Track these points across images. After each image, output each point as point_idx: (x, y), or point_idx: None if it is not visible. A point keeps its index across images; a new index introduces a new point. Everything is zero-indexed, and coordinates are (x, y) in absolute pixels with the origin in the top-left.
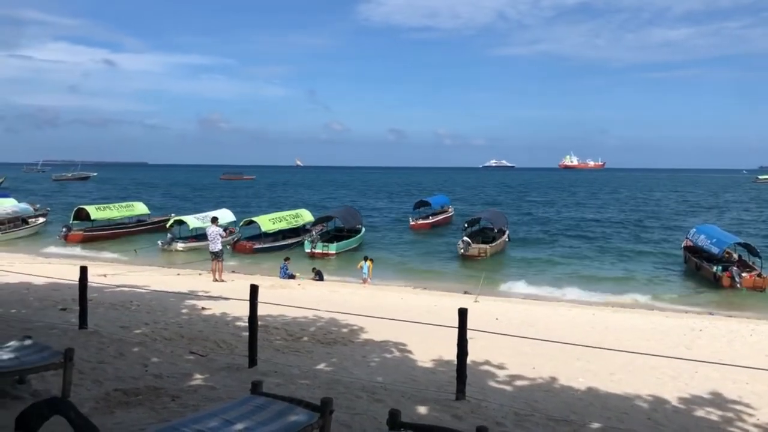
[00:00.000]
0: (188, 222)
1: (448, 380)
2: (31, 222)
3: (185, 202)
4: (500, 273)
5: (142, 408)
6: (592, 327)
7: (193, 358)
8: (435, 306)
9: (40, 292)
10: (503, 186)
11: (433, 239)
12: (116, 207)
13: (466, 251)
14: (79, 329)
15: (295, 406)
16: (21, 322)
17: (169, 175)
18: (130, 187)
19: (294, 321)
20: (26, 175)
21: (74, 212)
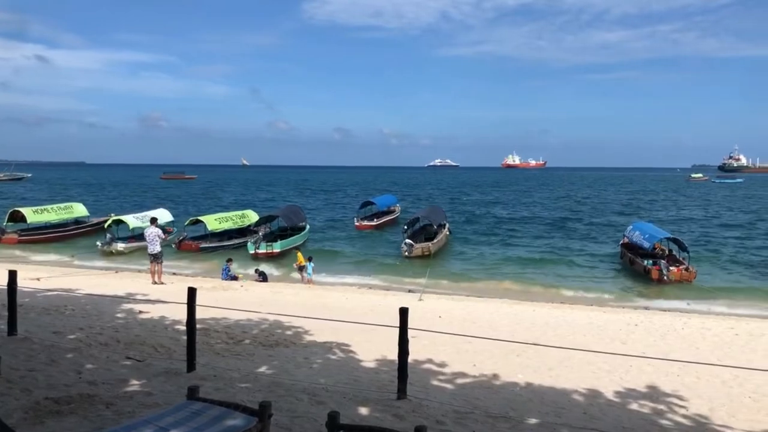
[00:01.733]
0: (127, 222)
1: (390, 380)
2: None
3: (125, 202)
4: (444, 269)
5: (74, 417)
6: (533, 323)
7: (130, 363)
8: (379, 305)
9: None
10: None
11: (378, 239)
12: (54, 209)
13: (410, 253)
14: (8, 336)
15: (233, 411)
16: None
17: (108, 175)
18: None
19: (236, 323)
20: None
21: (9, 214)
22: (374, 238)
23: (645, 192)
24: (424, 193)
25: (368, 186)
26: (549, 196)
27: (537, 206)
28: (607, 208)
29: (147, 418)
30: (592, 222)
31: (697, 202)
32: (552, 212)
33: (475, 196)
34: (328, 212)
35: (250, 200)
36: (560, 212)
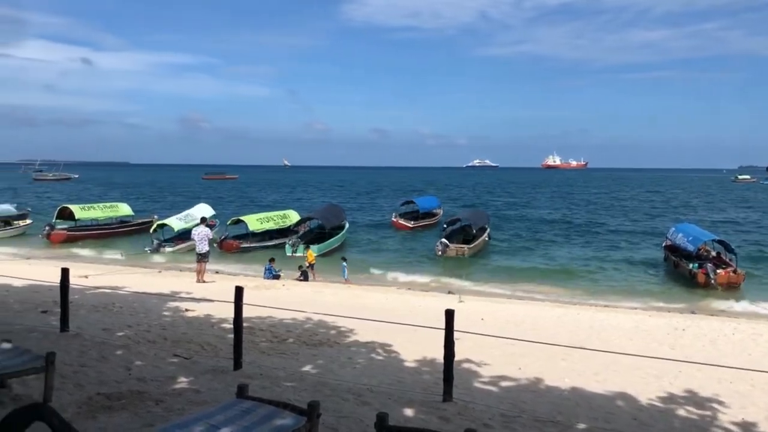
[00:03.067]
0: (172, 225)
1: (434, 381)
2: (15, 224)
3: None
4: (483, 272)
5: (125, 412)
6: (577, 326)
7: (177, 361)
8: (419, 306)
9: (20, 294)
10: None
11: (417, 240)
12: (100, 207)
13: (444, 253)
14: (61, 332)
15: (282, 410)
16: (0, 325)
17: (152, 175)
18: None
19: (279, 322)
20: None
21: (58, 211)
22: (412, 238)
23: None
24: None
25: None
26: (590, 198)
27: (578, 208)
28: (649, 210)
29: (198, 415)
30: (635, 224)
31: (745, 203)
32: (593, 214)
33: (514, 197)
34: (365, 213)
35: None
36: (602, 214)
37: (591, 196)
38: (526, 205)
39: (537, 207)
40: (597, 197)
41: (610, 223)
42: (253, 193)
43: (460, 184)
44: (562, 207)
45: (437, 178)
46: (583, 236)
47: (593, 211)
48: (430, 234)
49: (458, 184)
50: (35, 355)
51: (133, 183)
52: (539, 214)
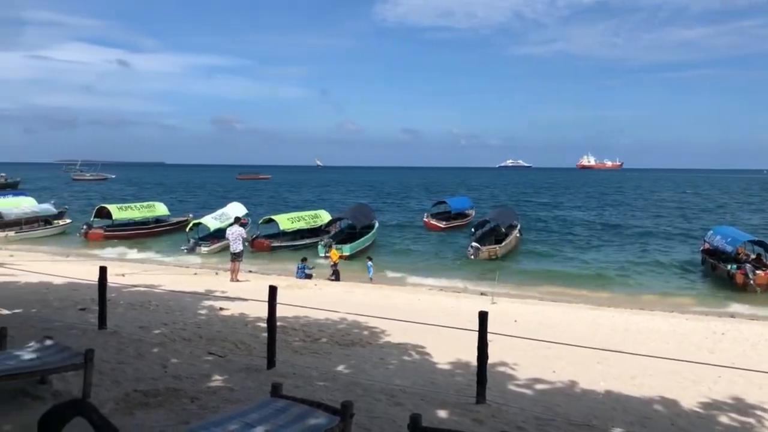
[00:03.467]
0: (207, 224)
1: (467, 383)
2: (55, 223)
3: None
4: (515, 273)
5: (161, 409)
6: (612, 329)
7: (212, 359)
8: (451, 307)
9: (59, 292)
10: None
11: (448, 241)
12: (137, 207)
13: (476, 257)
14: (99, 329)
15: (315, 409)
16: (41, 322)
17: (186, 175)
18: (148, 186)
19: (312, 322)
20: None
21: (95, 211)
22: (444, 239)
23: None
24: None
25: (436, 187)
26: (625, 199)
27: (613, 209)
28: (686, 212)
29: (232, 413)
30: (671, 226)
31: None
32: (628, 215)
33: (547, 198)
34: (396, 213)
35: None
36: (637, 215)
37: (626, 197)
38: (560, 206)
39: (571, 208)
40: (632, 198)
41: (645, 225)
42: (285, 192)
43: (492, 184)
44: (597, 208)
45: (469, 179)
46: (617, 238)
47: (628, 213)
48: (461, 235)
49: (490, 184)
50: (75, 352)
51: (168, 183)
52: (573, 215)
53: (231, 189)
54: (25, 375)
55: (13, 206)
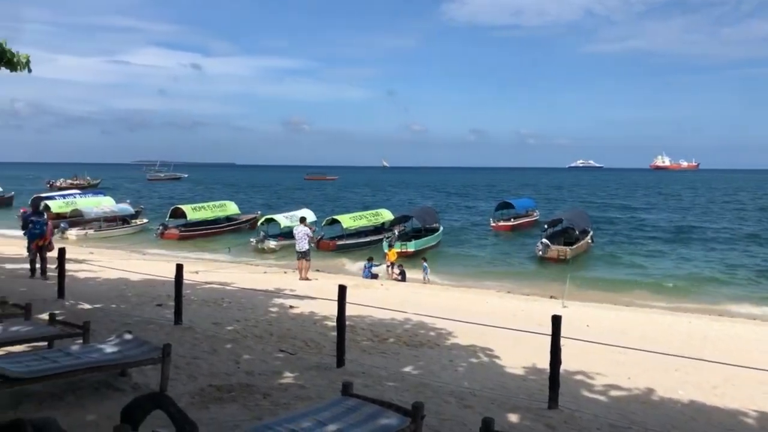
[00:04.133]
0: (278, 221)
1: (539, 388)
2: (132, 222)
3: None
4: (586, 276)
5: (235, 404)
6: (690, 336)
7: (283, 356)
8: (521, 310)
9: (137, 288)
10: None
11: (515, 241)
12: (210, 206)
13: (545, 254)
14: (175, 325)
15: (386, 410)
16: (121, 317)
17: (256, 176)
18: (219, 186)
19: (379, 322)
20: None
21: (170, 211)
22: (511, 240)
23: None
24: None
25: (503, 187)
26: (702, 201)
27: (687, 211)
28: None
29: (305, 411)
30: (752, 229)
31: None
32: (705, 217)
33: (619, 199)
34: (462, 213)
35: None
36: (714, 217)
37: (702, 199)
38: (632, 208)
39: (643, 210)
40: (709, 200)
41: (723, 228)
42: (351, 193)
43: (561, 185)
44: (671, 210)
45: (537, 179)
46: (693, 241)
47: (704, 215)
48: (527, 236)
49: (559, 185)
50: (153, 347)
51: (237, 183)
52: (646, 218)
53: (298, 189)
54: (107, 368)
55: (93, 205)
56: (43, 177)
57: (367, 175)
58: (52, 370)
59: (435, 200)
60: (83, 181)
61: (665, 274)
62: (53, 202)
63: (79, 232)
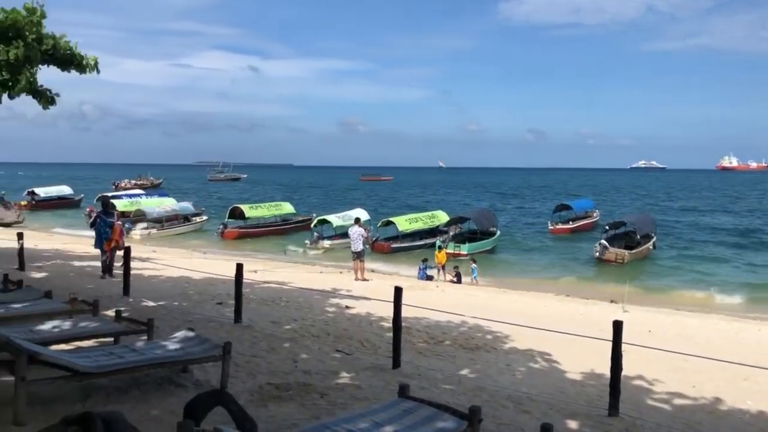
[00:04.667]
0: (332, 221)
1: (598, 394)
2: (193, 220)
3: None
4: (646, 281)
5: (293, 403)
6: (759, 344)
7: (339, 356)
8: (580, 314)
9: (198, 286)
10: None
11: (574, 244)
12: (266, 206)
13: (602, 255)
14: (234, 323)
15: (443, 413)
16: (182, 314)
17: (312, 176)
18: (276, 187)
19: (435, 324)
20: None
21: (229, 210)
22: (569, 242)
23: None
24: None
25: (561, 188)
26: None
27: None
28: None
29: (362, 412)
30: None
31: None
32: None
33: (682, 201)
34: (519, 215)
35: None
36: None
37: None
38: (696, 211)
39: (708, 212)
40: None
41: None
42: (405, 194)
43: (621, 186)
44: (738, 213)
45: (597, 180)
46: (761, 246)
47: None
48: (586, 239)
49: (619, 186)
50: (214, 344)
51: (294, 183)
52: (710, 221)
53: (353, 190)
54: (170, 364)
55: (156, 205)
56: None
57: (422, 175)
58: (119, 365)
59: (491, 201)
60: (146, 181)
61: (730, 280)
62: (118, 202)
63: (143, 230)
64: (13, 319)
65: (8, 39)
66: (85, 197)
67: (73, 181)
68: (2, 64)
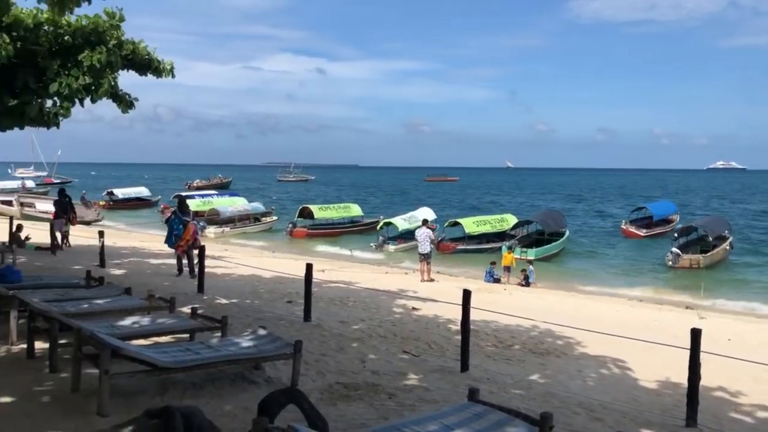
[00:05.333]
0: (396, 224)
1: (674, 404)
2: (263, 220)
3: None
4: (723, 286)
5: (361, 403)
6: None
7: (407, 357)
8: (654, 321)
9: (268, 285)
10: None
11: (647, 248)
12: (335, 207)
13: (675, 263)
14: (304, 322)
15: (514, 418)
16: (254, 312)
17: (378, 177)
18: (343, 187)
19: (504, 327)
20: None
21: (299, 210)
22: (642, 246)
23: None
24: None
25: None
26: None
27: None
28: None
29: (432, 414)
30: None
31: None
32: None
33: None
34: (589, 218)
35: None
36: None
37: None
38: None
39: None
40: None
41: None
42: (471, 195)
43: (697, 188)
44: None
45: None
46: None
47: None
48: (662, 243)
49: (695, 188)
50: (285, 342)
51: (360, 184)
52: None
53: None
54: (244, 361)
55: (228, 205)
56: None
57: (489, 176)
58: (195, 361)
59: (559, 203)
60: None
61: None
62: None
63: (216, 229)
64: (96, 314)
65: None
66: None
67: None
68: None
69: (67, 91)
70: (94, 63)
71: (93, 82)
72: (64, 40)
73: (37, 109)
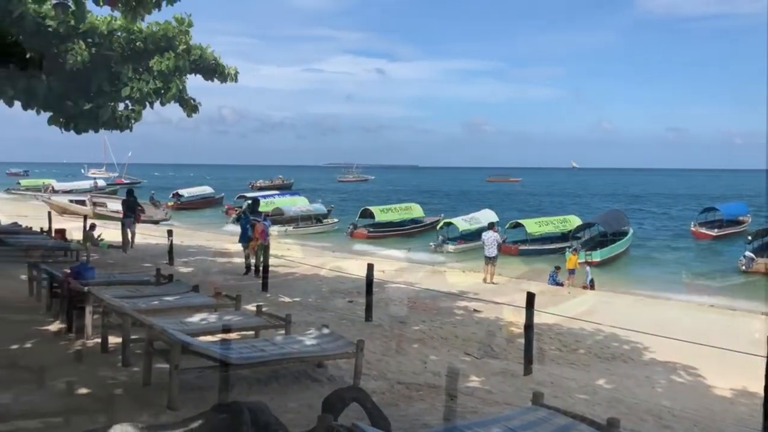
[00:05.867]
0: (457, 224)
1: (750, 414)
2: (325, 222)
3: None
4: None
5: (423, 404)
6: None
7: (468, 359)
8: (727, 327)
9: (330, 284)
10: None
11: (718, 251)
12: (396, 209)
13: (749, 268)
14: (365, 321)
15: (579, 423)
16: (316, 310)
17: (437, 177)
18: (402, 188)
19: (567, 331)
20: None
21: (360, 212)
22: (712, 250)
23: None
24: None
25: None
26: None
27: None
28: None
29: (496, 417)
30: None
31: None
32: None
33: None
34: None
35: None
36: None
37: None
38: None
39: None
40: None
41: None
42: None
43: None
44: None
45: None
46: None
47: None
48: (733, 246)
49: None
50: (348, 341)
51: (420, 184)
52: None
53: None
54: (307, 359)
55: (291, 204)
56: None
57: (553, 176)
58: (261, 357)
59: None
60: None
61: None
62: None
63: (281, 229)
64: (166, 311)
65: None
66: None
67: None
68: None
69: (138, 95)
70: (163, 68)
71: (162, 86)
72: (136, 45)
73: (110, 113)
